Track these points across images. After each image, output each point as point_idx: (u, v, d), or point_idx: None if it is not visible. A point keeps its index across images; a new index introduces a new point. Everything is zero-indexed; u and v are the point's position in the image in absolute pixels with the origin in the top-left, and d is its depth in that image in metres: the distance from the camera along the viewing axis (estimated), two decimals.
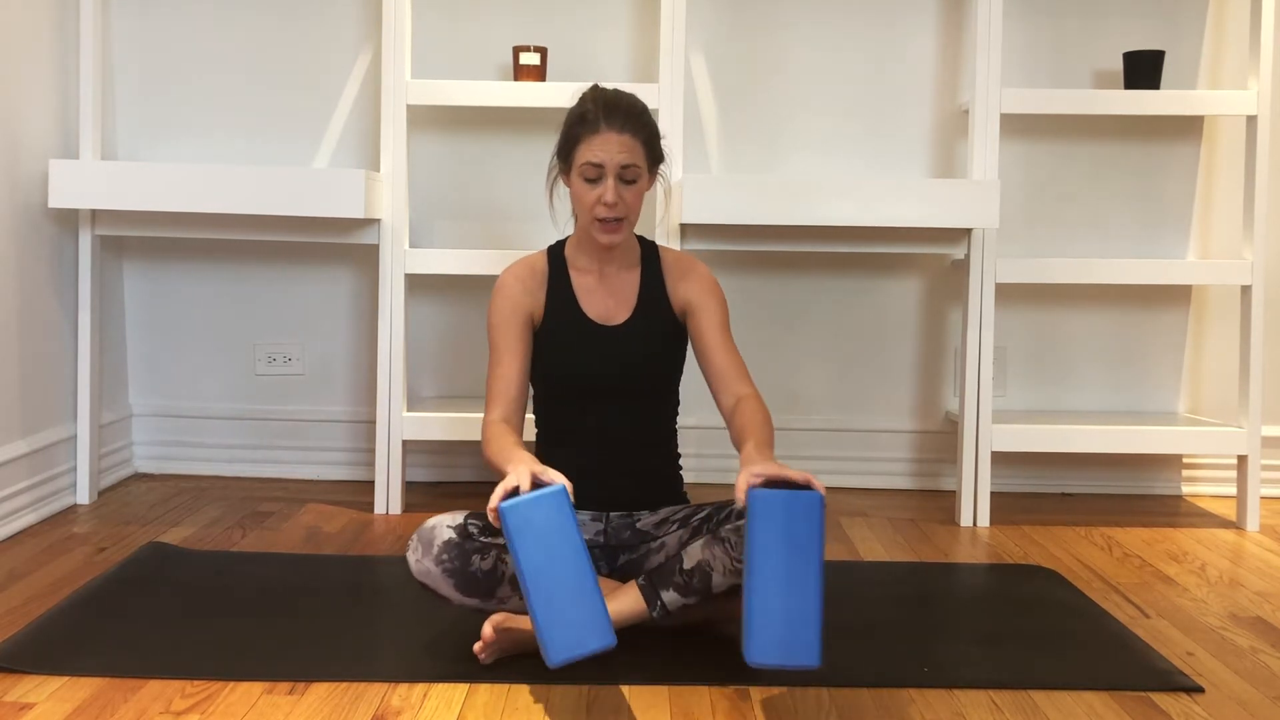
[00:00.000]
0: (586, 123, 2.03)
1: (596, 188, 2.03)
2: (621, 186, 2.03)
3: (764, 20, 3.14)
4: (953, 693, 1.83)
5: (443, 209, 3.16)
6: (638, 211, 2.08)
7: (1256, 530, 2.89)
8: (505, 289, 2.14)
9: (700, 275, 2.18)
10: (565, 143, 2.08)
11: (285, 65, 3.14)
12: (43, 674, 1.82)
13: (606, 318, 2.14)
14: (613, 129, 2.02)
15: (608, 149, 2.01)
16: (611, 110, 2.03)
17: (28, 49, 2.72)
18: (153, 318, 3.23)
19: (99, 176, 2.74)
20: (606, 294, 2.16)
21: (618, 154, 2.01)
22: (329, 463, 3.24)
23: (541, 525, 1.69)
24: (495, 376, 2.09)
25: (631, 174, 2.03)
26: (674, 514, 2.14)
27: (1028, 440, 2.92)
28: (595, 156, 2.01)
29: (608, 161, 2.01)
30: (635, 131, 2.03)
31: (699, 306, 2.14)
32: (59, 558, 2.45)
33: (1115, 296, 3.22)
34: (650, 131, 2.07)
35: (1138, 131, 3.17)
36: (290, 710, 1.72)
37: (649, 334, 2.15)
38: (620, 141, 2.02)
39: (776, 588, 1.66)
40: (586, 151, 2.03)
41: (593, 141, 2.02)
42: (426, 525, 1.99)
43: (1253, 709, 1.79)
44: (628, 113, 2.04)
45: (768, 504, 1.69)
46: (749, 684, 1.84)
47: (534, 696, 1.79)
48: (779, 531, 1.67)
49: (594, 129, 2.02)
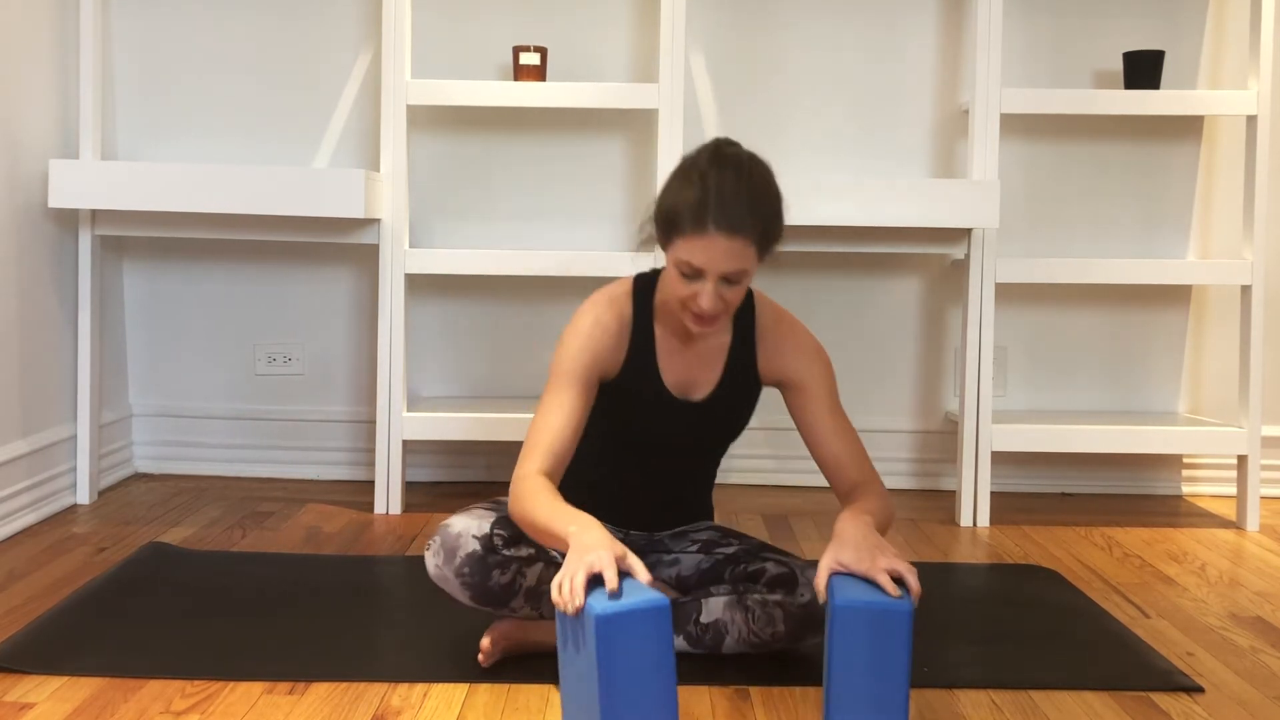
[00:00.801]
0: (694, 218, 1.72)
1: (693, 284, 1.76)
2: (723, 287, 1.76)
3: (764, 20, 3.14)
4: (953, 693, 1.83)
5: (443, 209, 3.16)
6: (739, 303, 1.82)
7: (1256, 530, 2.89)
8: (588, 336, 1.86)
9: (800, 347, 1.94)
10: (665, 221, 1.78)
11: (285, 65, 3.14)
12: (43, 674, 1.82)
13: (687, 390, 1.93)
14: (721, 232, 1.71)
15: (711, 255, 1.72)
16: (726, 207, 1.71)
17: (28, 49, 2.72)
18: (153, 318, 3.23)
19: (99, 176, 2.74)
20: (690, 361, 1.93)
21: (723, 263, 1.72)
22: (329, 463, 3.24)
23: (638, 644, 1.48)
24: (545, 427, 1.82)
25: (736, 276, 1.75)
26: (696, 530, 2.08)
27: (1028, 440, 2.92)
28: (696, 260, 1.73)
29: (709, 269, 1.73)
30: (749, 233, 1.72)
31: (801, 385, 1.92)
32: (59, 558, 2.45)
33: (1115, 296, 3.22)
34: (767, 225, 1.76)
35: (1138, 131, 3.17)
36: (290, 710, 1.72)
37: (730, 410, 1.96)
38: (729, 248, 1.72)
39: (859, 705, 1.57)
40: (686, 250, 1.74)
41: (695, 244, 1.73)
42: (451, 530, 1.84)
43: (1253, 709, 1.79)
44: (746, 210, 1.72)
45: (851, 617, 1.56)
46: (749, 684, 1.84)
47: (534, 696, 1.79)
48: (863, 646, 1.56)
49: (699, 228, 1.72)
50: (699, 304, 1.75)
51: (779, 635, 1.87)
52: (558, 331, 3.18)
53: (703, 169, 1.76)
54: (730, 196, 1.72)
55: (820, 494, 3.11)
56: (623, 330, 1.89)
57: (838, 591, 1.59)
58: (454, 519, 1.88)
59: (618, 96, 2.86)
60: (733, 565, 1.99)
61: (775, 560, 1.95)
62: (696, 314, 1.78)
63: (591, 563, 1.53)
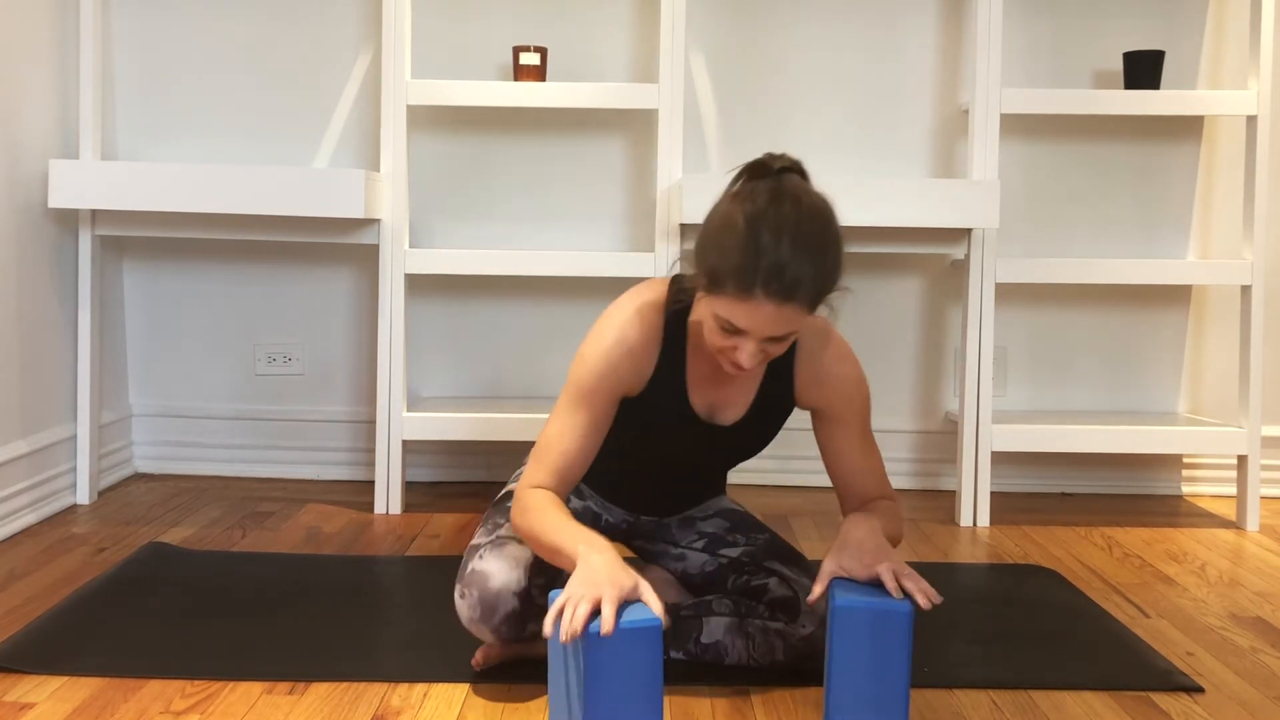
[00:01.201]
0: (740, 282, 1.51)
1: (731, 339, 1.58)
2: (767, 344, 1.59)
3: (764, 20, 3.14)
4: (953, 693, 1.83)
5: (443, 209, 3.16)
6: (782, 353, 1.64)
7: (1256, 530, 2.89)
8: (610, 355, 1.71)
9: (842, 380, 1.79)
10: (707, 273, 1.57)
11: (285, 65, 3.14)
12: (43, 674, 1.82)
13: (714, 413, 1.81)
14: (772, 300, 1.51)
15: (756, 321, 1.54)
16: (779, 272, 1.50)
17: (28, 49, 2.72)
18: (153, 318, 3.23)
19: (99, 176, 2.74)
20: (722, 384, 1.79)
21: (768, 328, 1.54)
22: (329, 463, 3.24)
23: (627, 663, 1.46)
24: (557, 448, 1.72)
25: (784, 337, 1.58)
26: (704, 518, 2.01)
27: (1028, 440, 2.92)
28: (739, 322, 1.55)
29: (753, 332, 1.55)
30: (802, 300, 1.53)
31: (835, 419, 1.81)
32: (59, 558, 2.45)
33: (1115, 296, 3.22)
34: (822, 285, 1.55)
35: (1138, 131, 3.17)
36: (290, 710, 1.72)
37: (759, 432, 1.85)
38: (777, 315, 1.53)
39: (859, 706, 1.57)
40: (727, 309, 1.55)
41: (738, 307, 1.53)
42: (490, 587, 1.73)
43: (1253, 709, 1.79)
44: (800, 274, 1.51)
45: (851, 618, 1.55)
46: (749, 685, 1.83)
47: (534, 696, 1.79)
48: (863, 647, 1.55)
49: (746, 293, 1.51)
50: (737, 359, 1.59)
51: (778, 663, 1.86)
52: (558, 332, 3.22)
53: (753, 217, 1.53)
54: (786, 259, 1.50)
55: (821, 494, 3.11)
56: (650, 349, 1.74)
57: (838, 593, 1.59)
58: (489, 562, 1.76)
59: (618, 96, 2.86)
60: (736, 574, 1.94)
61: (779, 577, 1.89)
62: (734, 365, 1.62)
63: (596, 596, 1.47)
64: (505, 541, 1.79)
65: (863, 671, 1.56)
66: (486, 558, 1.77)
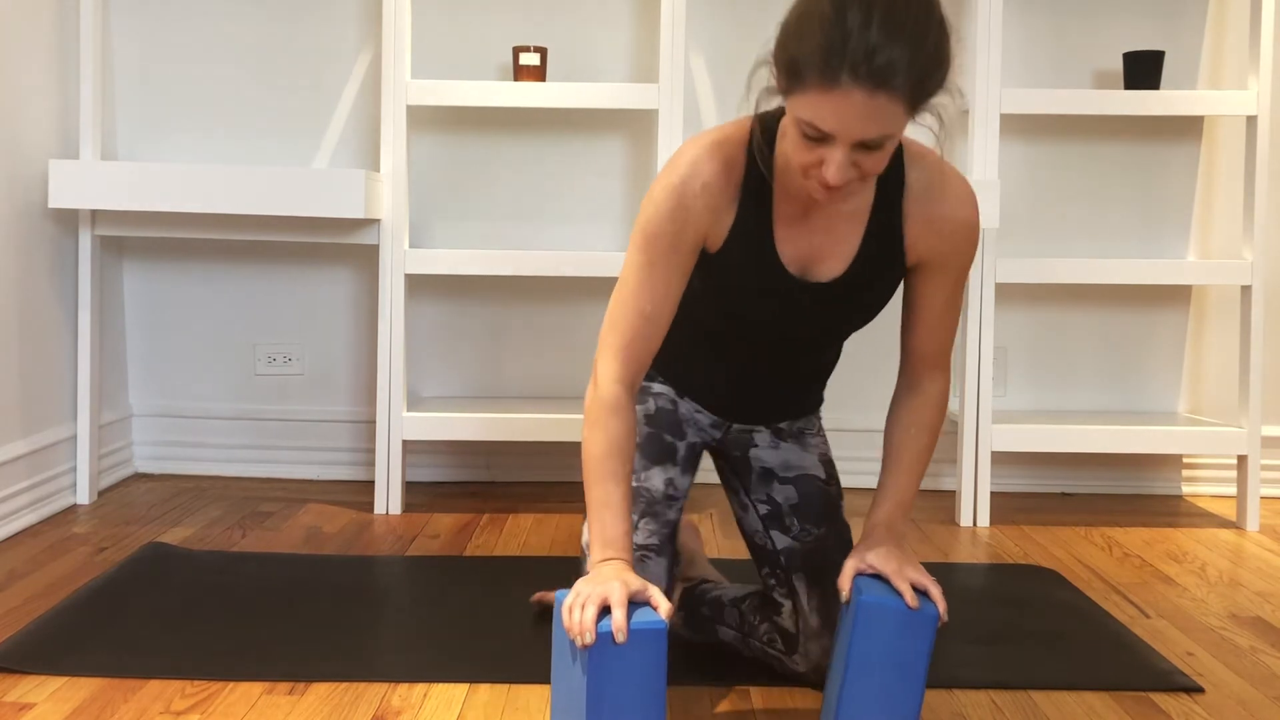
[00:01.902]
0: (823, 67, 1.30)
1: (817, 149, 1.37)
2: (859, 154, 1.37)
3: (764, 20, 3.14)
4: (953, 693, 1.83)
5: (443, 209, 3.16)
6: (881, 169, 1.41)
7: (1256, 530, 2.89)
8: (685, 194, 1.49)
9: (958, 227, 1.56)
10: (785, 66, 1.37)
11: (285, 65, 3.14)
12: (43, 674, 1.82)
13: (809, 268, 1.57)
14: (861, 87, 1.29)
15: (844, 118, 1.31)
16: (869, 52, 1.28)
17: (28, 49, 2.72)
18: (153, 318, 3.23)
19: (99, 176, 2.74)
20: (817, 231, 1.55)
21: (859, 128, 1.32)
22: (329, 463, 3.24)
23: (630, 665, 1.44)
24: (625, 316, 1.53)
25: (877, 142, 1.35)
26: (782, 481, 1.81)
27: (1028, 440, 2.92)
28: (824, 123, 1.33)
29: (841, 134, 1.34)
30: (898, 88, 1.30)
31: (938, 267, 1.58)
32: (59, 558, 2.45)
33: (1115, 296, 3.22)
34: (924, 74, 1.33)
35: (1138, 131, 3.17)
36: (290, 710, 1.72)
37: (865, 293, 1.60)
38: (869, 108, 1.31)
39: (870, 705, 1.53)
40: (810, 107, 1.33)
41: (822, 101, 1.32)
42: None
43: (1253, 709, 1.79)
44: (896, 56, 1.29)
45: (876, 615, 1.51)
46: (749, 684, 1.83)
47: (534, 696, 1.79)
48: (884, 647, 1.51)
49: (830, 80, 1.30)
50: (824, 175, 1.36)
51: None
52: (558, 332, 3.22)
53: (831, 10, 1.30)
54: (878, 40, 1.28)
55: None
56: (729, 188, 1.51)
57: (864, 589, 1.55)
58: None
59: (618, 96, 2.86)
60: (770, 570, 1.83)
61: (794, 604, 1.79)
62: (822, 184, 1.39)
63: (604, 595, 1.42)
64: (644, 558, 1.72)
65: (879, 670, 1.53)
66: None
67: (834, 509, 1.83)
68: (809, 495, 1.82)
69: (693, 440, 1.83)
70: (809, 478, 1.83)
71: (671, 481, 1.78)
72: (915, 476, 1.66)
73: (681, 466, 1.80)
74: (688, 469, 1.82)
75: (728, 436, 1.85)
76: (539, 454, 3.20)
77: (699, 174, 1.50)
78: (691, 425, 1.83)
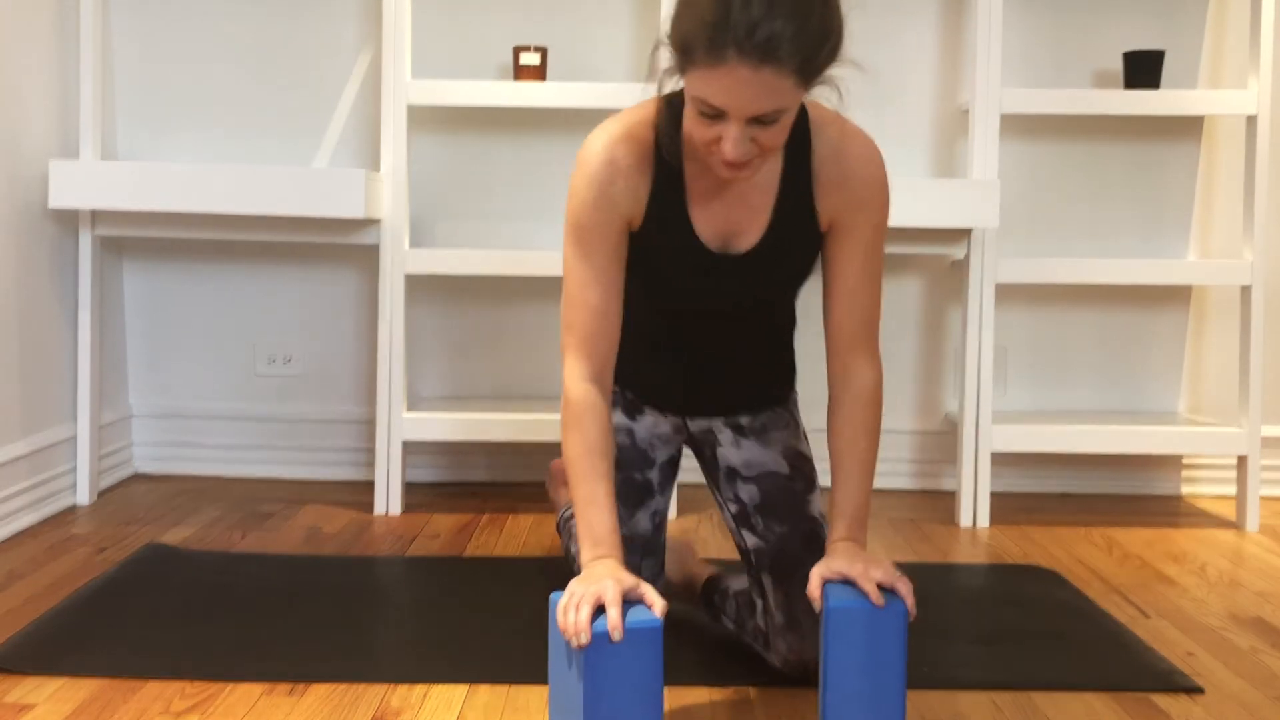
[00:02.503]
0: (710, 42, 1.34)
1: (715, 126, 1.42)
2: (755, 129, 1.42)
3: None
4: (953, 693, 1.83)
5: (443, 209, 3.16)
6: (781, 143, 1.47)
7: (1256, 530, 2.89)
8: (597, 179, 1.55)
9: (863, 184, 1.60)
10: (678, 44, 1.41)
11: (285, 65, 3.14)
12: (43, 674, 1.82)
13: (726, 242, 1.62)
14: (746, 62, 1.33)
15: (734, 93, 1.36)
16: (754, 26, 1.32)
17: (28, 49, 2.72)
18: (153, 318, 3.23)
19: (99, 176, 2.74)
20: (731, 203, 1.59)
21: (749, 102, 1.37)
22: (329, 463, 3.24)
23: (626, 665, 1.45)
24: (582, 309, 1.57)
25: (771, 117, 1.40)
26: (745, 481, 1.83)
27: (1028, 440, 2.92)
28: (714, 98, 1.38)
29: (732, 109, 1.39)
30: (786, 61, 1.34)
31: (847, 229, 1.60)
32: (59, 558, 2.45)
33: (1115, 296, 3.22)
34: (813, 47, 1.36)
35: (1138, 131, 3.17)
36: (290, 710, 1.72)
37: (781, 262, 1.63)
38: (757, 83, 1.34)
39: (855, 708, 1.55)
40: (702, 84, 1.38)
41: (711, 76, 1.36)
42: None
43: (1253, 709, 1.79)
44: (782, 28, 1.32)
45: (845, 619, 1.54)
46: (749, 684, 1.84)
47: (534, 696, 1.79)
48: (858, 649, 1.54)
49: (717, 56, 1.34)
50: (724, 152, 1.42)
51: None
52: (557, 331, 3.21)
53: None
54: (759, 11, 1.31)
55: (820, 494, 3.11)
56: (642, 167, 1.57)
57: (831, 595, 1.58)
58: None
59: (618, 96, 2.86)
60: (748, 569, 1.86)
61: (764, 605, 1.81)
62: (723, 160, 1.45)
63: (598, 593, 1.44)
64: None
65: (858, 672, 1.55)
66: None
67: (798, 504, 1.83)
68: (770, 493, 1.84)
69: (663, 459, 1.90)
70: (771, 475, 1.85)
71: (656, 513, 1.87)
72: (865, 484, 1.68)
73: (660, 490, 1.88)
74: (666, 487, 1.90)
75: (694, 437, 1.90)
76: (539, 454, 3.20)
77: (613, 160, 1.56)
78: (656, 444, 1.89)
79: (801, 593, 1.72)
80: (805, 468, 1.86)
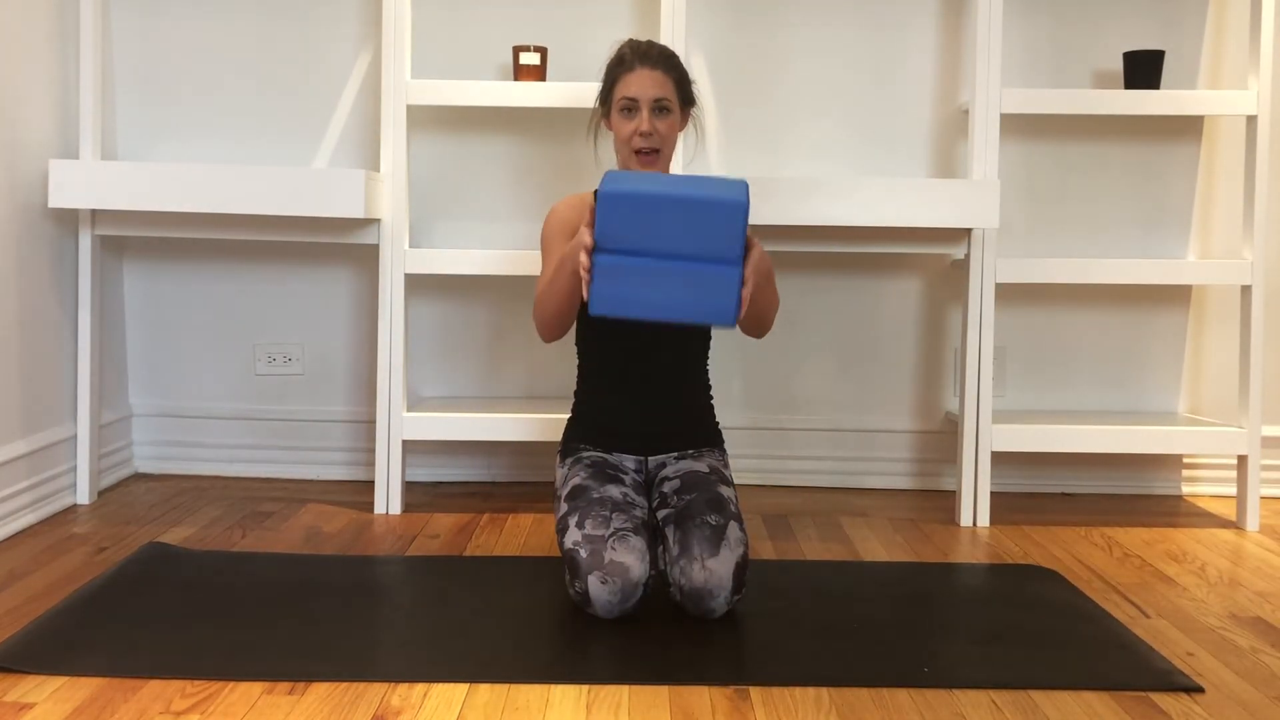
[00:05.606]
0: (624, 64, 2.31)
1: (633, 119, 2.29)
2: (655, 118, 2.28)
3: (764, 20, 3.14)
4: (953, 693, 1.83)
5: (443, 209, 3.16)
6: (672, 144, 2.34)
7: (1256, 530, 2.89)
8: (557, 213, 2.34)
9: None
10: (606, 86, 2.35)
11: (285, 65, 3.14)
12: (43, 674, 1.82)
13: None
14: (646, 67, 2.30)
15: (641, 84, 2.28)
16: (644, 53, 2.31)
17: (28, 49, 2.72)
18: (153, 318, 3.23)
19: (99, 176, 2.74)
20: None
21: (651, 89, 2.28)
22: (329, 463, 3.24)
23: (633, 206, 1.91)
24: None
25: (664, 105, 2.29)
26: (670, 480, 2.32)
27: (1028, 440, 2.92)
28: (630, 91, 2.28)
29: (641, 96, 2.27)
30: (666, 70, 2.31)
31: None
32: (59, 558, 2.45)
33: (1115, 296, 3.22)
34: (681, 73, 2.34)
35: (1138, 131, 3.17)
36: (290, 710, 1.73)
37: None
38: (653, 78, 2.29)
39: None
40: (623, 88, 2.30)
41: (628, 79, 2.30)
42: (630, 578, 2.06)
43: (1253, 709, 1.79)
44: (660, 55, 2.32)
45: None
46: (749, 684, 1.84)
47: (534, 696, 1.79)
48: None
49: (630, 68, 2.30)
50: (640, 130, 2.27)
51: None
52: None
53: (623, 45, 2.35)
54: (651, 46, 2.33)
55: (821, 494, 3.11)
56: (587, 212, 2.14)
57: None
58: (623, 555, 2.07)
59: None
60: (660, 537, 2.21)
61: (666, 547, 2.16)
62: (639, 150, 2.28)
63: (575, 244, 2.00)
64: (625, 534, 2.10)
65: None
66: (620, 550, 2.07)
67: (710, 485, 2.26)
68: (688, 480, 2.29)
69: (630, 481, 2.30)
70: (693, 472, 2.32)
71: (626, 494, 2.23)
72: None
73: (632, 488, 2.27)
74: (639, 491, 2.29)
75: (649, 474, 2.36)
76: (539, 454, 3.20)
77: (574, 201, 2.37)
78: (625, 470, 2.34)
79: (697, 532, 2.12)
80: (725, 477, 2.33)
